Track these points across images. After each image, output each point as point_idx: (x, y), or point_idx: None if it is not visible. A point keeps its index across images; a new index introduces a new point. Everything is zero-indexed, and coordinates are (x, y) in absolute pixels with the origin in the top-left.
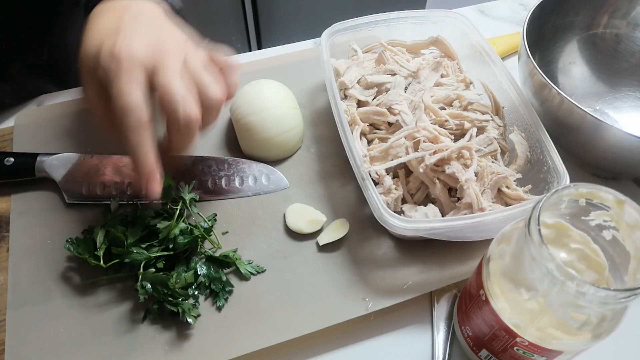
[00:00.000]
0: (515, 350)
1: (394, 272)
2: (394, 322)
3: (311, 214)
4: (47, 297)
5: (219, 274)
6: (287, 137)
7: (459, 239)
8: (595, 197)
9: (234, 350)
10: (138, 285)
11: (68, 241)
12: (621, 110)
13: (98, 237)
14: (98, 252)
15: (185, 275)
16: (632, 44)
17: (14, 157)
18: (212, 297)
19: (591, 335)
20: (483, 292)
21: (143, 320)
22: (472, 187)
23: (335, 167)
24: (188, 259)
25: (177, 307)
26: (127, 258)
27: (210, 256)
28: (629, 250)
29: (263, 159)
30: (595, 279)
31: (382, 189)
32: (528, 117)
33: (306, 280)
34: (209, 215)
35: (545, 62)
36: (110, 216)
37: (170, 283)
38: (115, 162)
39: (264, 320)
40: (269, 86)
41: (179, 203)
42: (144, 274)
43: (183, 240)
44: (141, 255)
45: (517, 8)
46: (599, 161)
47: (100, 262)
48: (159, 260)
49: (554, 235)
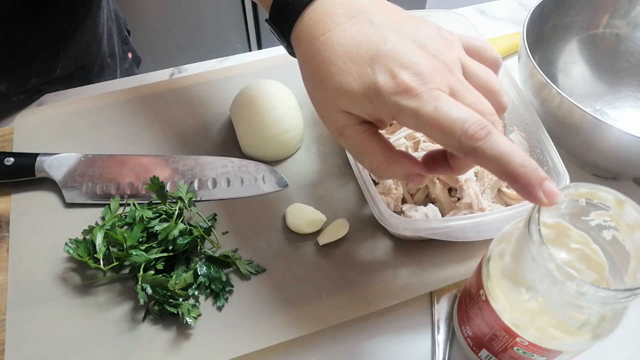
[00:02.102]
0: (515, 350)
1: (394, 272)
2: (394, 322)
3: (311, 214)
4: (47, 297)
5: (219, 273)
6: (287, 137)
7: (459, 239)
8: (595, 197)
9: (234, 350)
10: (138, 287)
11: (67, 243)
12: (621, 110)
13: (97, 239)
14: (98, 254)
15: (185, 276)
16: (632, 44)
17: (14, 157)
18: (212, 297)
19: (591, 335)
20: (483, 292)
21: (143, 320)
22: (472, 187)
23: (335, 167)
24: (188, 259)
25: (177, 309)
26: (127, 260)
27: (210, 256)
28: (629, 250)
29: (263, 159)
30: (595, 279)
31: (382, 189)
32: (528, 117)
33: (306, 280)
34: (208, 215)
35: (545, 62)
36: (110, 217)
37: (170, 285)
38: (115, 162)
39: (264, 320)
40: (269, 86)
41: (178, 203)
42: (143, 276)
43: (183, 241)
44: (141, 258)
45: (517, 8)
46: (599, 161)
47: (101, 264)
48: (159, 261)
49: (554, 235)
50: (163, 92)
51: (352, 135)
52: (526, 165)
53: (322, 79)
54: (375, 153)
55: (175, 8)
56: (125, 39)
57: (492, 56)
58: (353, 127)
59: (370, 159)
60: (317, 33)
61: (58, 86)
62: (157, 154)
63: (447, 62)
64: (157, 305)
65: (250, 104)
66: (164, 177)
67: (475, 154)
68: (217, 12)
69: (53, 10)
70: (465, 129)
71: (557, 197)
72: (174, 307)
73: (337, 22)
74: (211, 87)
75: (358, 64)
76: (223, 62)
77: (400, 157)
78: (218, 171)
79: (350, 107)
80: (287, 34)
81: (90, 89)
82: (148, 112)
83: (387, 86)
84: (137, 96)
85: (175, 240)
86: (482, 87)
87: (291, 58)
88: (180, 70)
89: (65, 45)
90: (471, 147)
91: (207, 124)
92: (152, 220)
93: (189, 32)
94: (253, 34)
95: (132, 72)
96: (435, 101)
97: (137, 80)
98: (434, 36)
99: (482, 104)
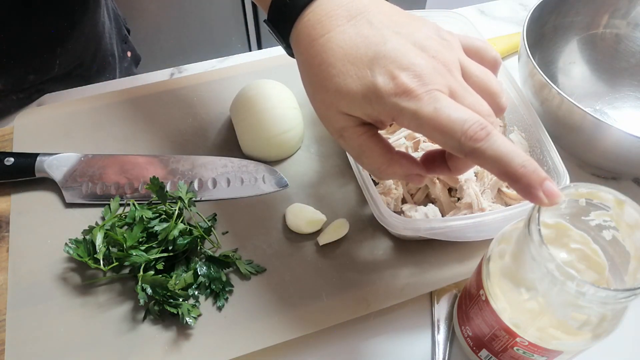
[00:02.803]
0: (515, 350)
1: (394, 272)
2: (394, 322)
3: (311, 214)
4: (47, 297)
5: (219, 273)
6: (287, 137)
7: (459, 239)
8: (595, 197)
9: (234, 350)
10: (138, 287)
11: (67, 243)
12: (621, 110)
13: (97, 239)
14: (98, 254)
15: (185, 276)
16: (632, 44)
17: (14, 157)
18: (213, 297)
19: (591, 335)
20: (483, 292)
21: (143, 320)
22: (472, 187)
23: (335, 167)
24: (188, 259)
25: (177, 309)
26: (127, 261)
27: (210, 256)
28: (629, 250)
29: (263, 159)
30: (595, 279)
31: (382, 189)
32: (528, 117)
33: (306, 281)
34: (208, 216)
35: (545, 62)
36: (110, 217)
37: (170, 285)
38: (115, 162)
39: (264, 320)
40: (269, 86)
41: (178, 203)
42: (143, 276)
43: (183, 241)
44: (141, 258)
45: (517, 8)
46: (599, 161)
47: (101, 265)
48: (159, 261)
49: (554, 235)
50: (163, 92)
51: (352, 136)
52: (526, 165)
53: (322, 80)
54: (375, 154)
55: (176, 8)
56: (125, 38)
57: (492, 56)
58: (353, 129)
59: (370, 160)
60: (316, 34)
61: (58, 85)
62: (157, 154)
63: (446, 63)
64: (157, 305)
65: (250, 104)
66: (164, 177)
67: (475, 154)
68: (217, 12)
69: (50, 7)
70: (465, 129)
71: (558, 198)
72: (174, 307)
73: (336, 24)
74: (211, 87)
75: (357, 66)
76: (223, 62)
77: (399, 157)
78: (218, 171)
79: (350, 109)
80: (285, 35)
81: (90, 88)
82: (148, 112)
83: (386, 88)
84: (137, 96)
85: (175, 240)
86: (481, 88)
87: (291, 58)
88: (180, 70)
89: (62, 42)
90: (471, 148)
91: (207, 124)
92: (152, 220)
93: (189, 32)
94: (253, 34)
95: (132, 70)
96: (435, 102)
97: (137, 80)
98: (434, 37)
99: (481, 106)
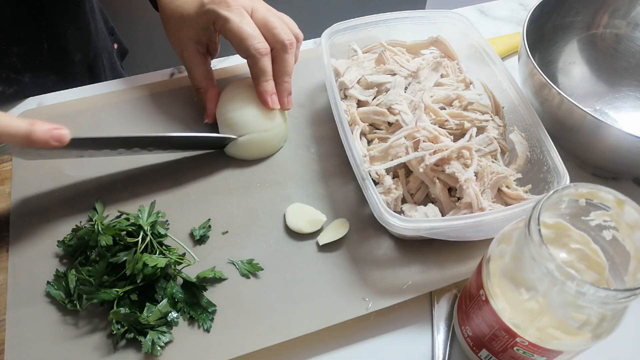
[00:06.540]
0: (515, 350)
1: (394, 272)
2: (394, 322)
3: (311, 214)
4: (47, 297)
5: (197, 298)
6: (268, 136)
7: (459, 238)
8: (595, 197)
9: (233, 351)
10: (113, 321)
11: (49, 282)
12: (621, 110)
13: (71, 282)
14: (73, 296)
15: (160, 307)
16: (632, 44)
17: None
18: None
19: (591, 335)
20: (483, 292)
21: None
22: (472, 187)
23: (335, 167)
24: (167, 279)
25: (144, 338)
26: (95, 299)
27: (185, 281)
28: (629, 250)
29: (245, 157)
30: (595, 279)
31: (382, 189)
32: (528, 117)
33: (306, 280)
34: (203, 222)
35: (545, 62)
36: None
37: (142, 319)
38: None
39: (264, 320)
40: (250, 83)
41: (140, 234)
42: (114, 312)
43: (150, 270)
44: (109, 295)
45: (517, 8)
46: (599, 161)
47: (77, 306)
48: (132, 292)
49: (554, 235)
50: (163, 92)
51: (191, 55)
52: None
53: (174, 14)
54: (200, 67)
55: None
56: (111, 30)
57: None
58: (191, 48)
59: (197, 70)
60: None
61: (57, 85)
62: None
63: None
64: (129, 333)
65: (231, 102)
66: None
67: (253, 61)
68: None
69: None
70: (254, 44)
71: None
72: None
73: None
74: None
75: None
76: (223, 62)
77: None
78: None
79: (189, 30)
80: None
81: (90, 89)
82: (148, 112)
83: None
84: (137, 96)
85: (144, 269)
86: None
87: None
88: (180, 70)
89: (48, 18)
90: (253, 57)
91: (207, 124)
92: (118, 251)
93: None
94: None
95: (117, 63)
96: (241, 15)
97: (137, 80)
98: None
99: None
